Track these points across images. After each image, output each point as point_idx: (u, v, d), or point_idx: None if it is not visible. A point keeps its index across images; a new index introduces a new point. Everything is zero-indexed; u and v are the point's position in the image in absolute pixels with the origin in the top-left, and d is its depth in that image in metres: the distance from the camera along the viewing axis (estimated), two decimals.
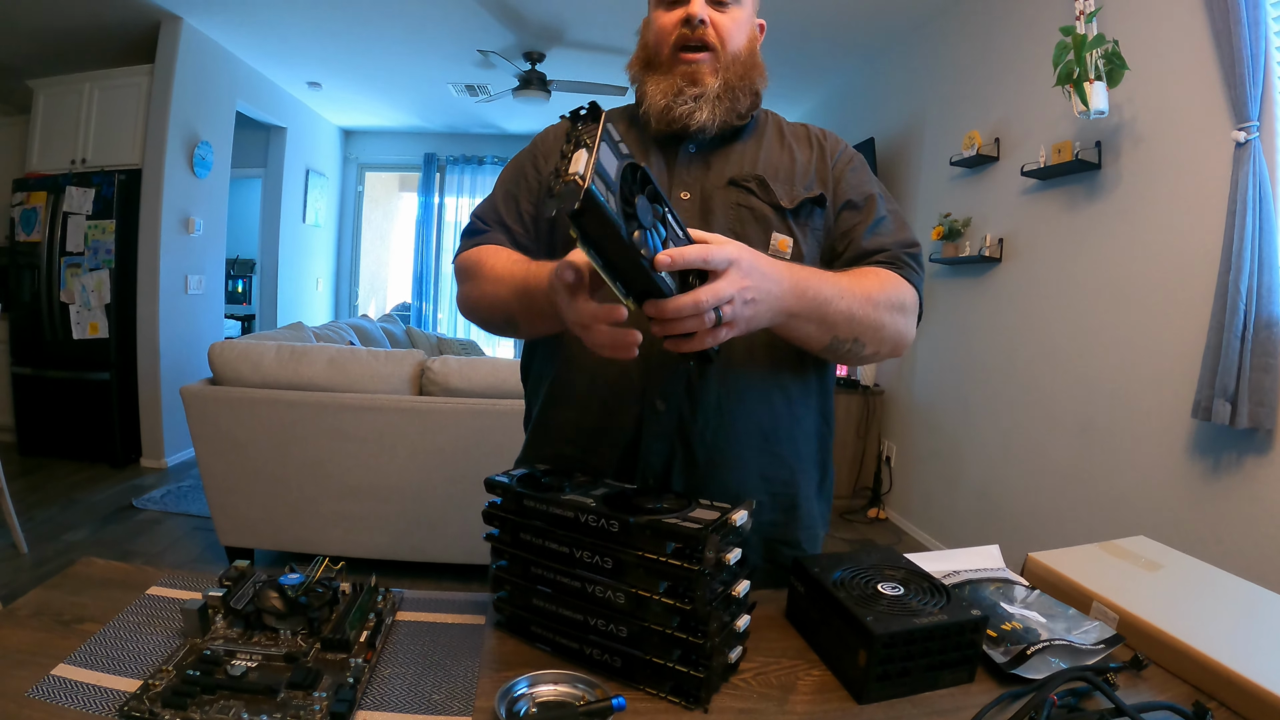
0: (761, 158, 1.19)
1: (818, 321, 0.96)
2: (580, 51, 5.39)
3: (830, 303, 0.96)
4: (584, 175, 0.62)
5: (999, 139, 3.66)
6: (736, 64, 1.16)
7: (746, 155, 1.19)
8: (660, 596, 0.71)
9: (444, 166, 8.29)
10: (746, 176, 1.16)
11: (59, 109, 5.11)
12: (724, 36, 1.14)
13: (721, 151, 1.19)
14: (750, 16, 1.21)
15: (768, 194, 1.14)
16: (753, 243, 1.09)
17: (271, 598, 0.81)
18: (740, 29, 1.17)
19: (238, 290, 7.76)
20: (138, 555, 3.48)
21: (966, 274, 3.96)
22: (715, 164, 1.18)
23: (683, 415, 1.08)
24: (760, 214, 1.13)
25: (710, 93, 1.12)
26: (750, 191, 1.15)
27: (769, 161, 1.19)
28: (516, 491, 0.80)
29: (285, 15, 4.86)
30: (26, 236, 4.90)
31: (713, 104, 1.12)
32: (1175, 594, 0.92)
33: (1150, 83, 2.75)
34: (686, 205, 1.14)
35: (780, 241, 1.13)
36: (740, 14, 1.17)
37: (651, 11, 1.20)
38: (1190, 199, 2.59)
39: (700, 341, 0.79)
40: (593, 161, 0.63)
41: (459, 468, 3.10)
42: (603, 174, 0.65)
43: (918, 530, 4.32)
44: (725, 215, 1.13)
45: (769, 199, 1.14)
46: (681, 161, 1.17)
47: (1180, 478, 2.58)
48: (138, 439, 5.05)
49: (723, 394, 1.09)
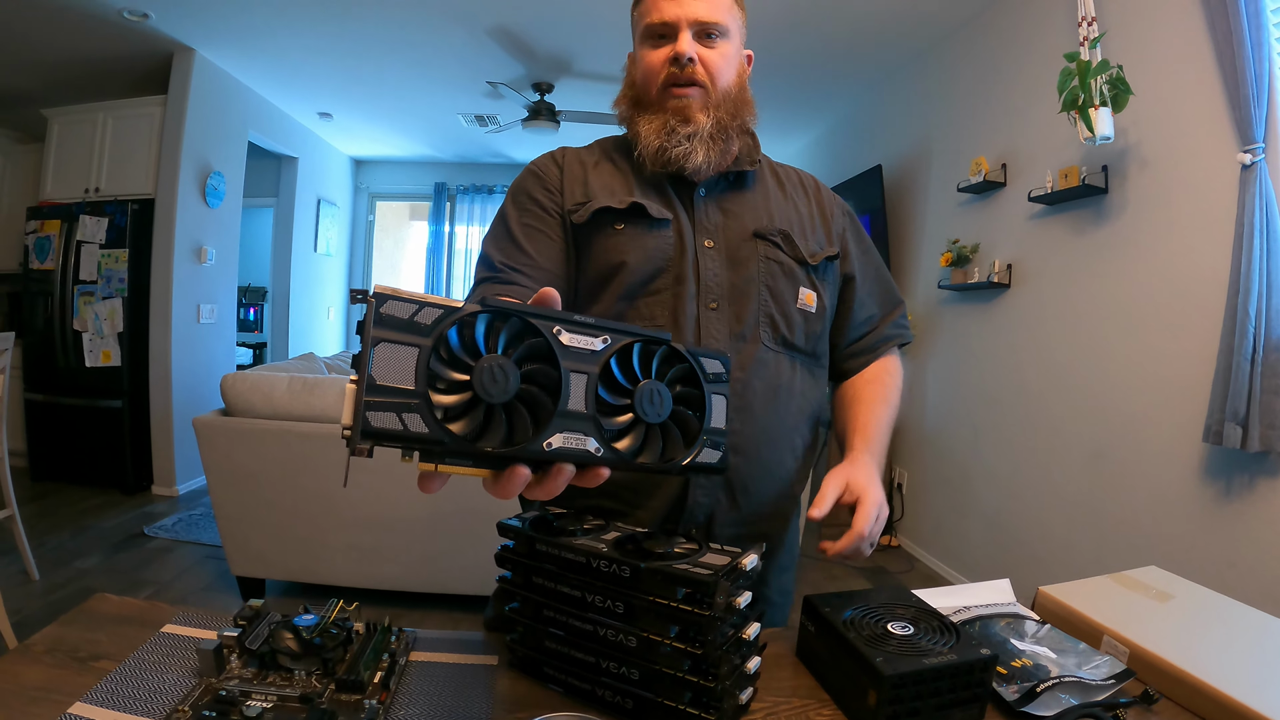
0: (775, 209, 1.20)
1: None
2: (588, 82, 5.44)
3: (887, 434, 1.18)
4: (350, 428, 0.52)
5: (1006, 165, 3.68)
6: (727, 101, 1.15)
7: (760, 205, 1.20)
8: (671, 641, 0.72)
9: (454, 196, 8.36)
10: (771, 230, 1.16)
11: (73, 138, 5.19)
12: (713, 73, 1.14)
13: (734, 198, 1.20)
14: (738, 49, 1.20)
15: (793, 249, 1.16)
16: (783, 296, 1.14)
17: (286, 638, 0.81)
18: (729, 64, 1.16)
19: (249, 319, 7.81)
20: (148, 584, 3.49)
21: (975, 300, 3.96)
22: (733, 212, 1.18)
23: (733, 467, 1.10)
24: (789, 269, 1.15)
25: (703, 131, 1.12)
26: (778, 246, 1.16)
27: (784, 214, 1.20)
28: (529, 535, 0.81)
29: (296, 47, 4.93)
30: (40, 264, 4.95)
31: (707, 144, 1.12)
32: (1187, 626, 0.92)
33: (1155, 107, 2.76)
34: (711, 253, 1.14)
35: (807, 296, 1.16)
36: (729, 48, 1.16)
37: (637, 49, 1.19)
38: (1197, 222, 2.59)
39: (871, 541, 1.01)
40: (359, 400, 0.52)
41: (469, 500, 3.09)
42: (387, 394, 0.52)
43: (930, 557, 4.30)
44: (757, 269, 1.14)
45: (794, 254, 1.16)
46: (698, 206, 1.17)
47: (1192, 502, 2.57)
48: (149, 466, 5.07)
49: (761, 442, 1.11)
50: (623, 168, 1.20)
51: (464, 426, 0.55)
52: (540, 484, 0.60)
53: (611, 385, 0.63)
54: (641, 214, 1.14)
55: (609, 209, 1.14)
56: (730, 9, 1.16)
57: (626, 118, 1.20)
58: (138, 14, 4.32)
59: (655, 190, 1.17)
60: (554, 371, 0.59)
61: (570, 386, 0.60)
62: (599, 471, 0.62)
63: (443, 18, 4.38)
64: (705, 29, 1.12)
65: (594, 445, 0.60)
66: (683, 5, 1.11)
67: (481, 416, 0.56)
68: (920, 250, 4.58)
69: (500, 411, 0.57)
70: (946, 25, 4.19)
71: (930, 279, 4.35)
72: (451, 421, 0.55)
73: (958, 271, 3.95)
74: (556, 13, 4.28)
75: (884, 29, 4.29)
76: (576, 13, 4.25)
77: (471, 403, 0.56)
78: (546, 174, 1.21)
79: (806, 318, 1.16)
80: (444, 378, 0.55)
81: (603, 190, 1.17)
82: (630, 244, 1.13)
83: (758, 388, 1.11)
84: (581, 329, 0.61)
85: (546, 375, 0.59)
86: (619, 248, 1.13)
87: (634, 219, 1.14)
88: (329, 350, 7.93)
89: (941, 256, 4.05)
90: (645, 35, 1.16)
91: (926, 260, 4.47)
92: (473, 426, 0.55)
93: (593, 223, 1.15)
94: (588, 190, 1.17)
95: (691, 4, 1.11)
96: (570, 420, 0.59)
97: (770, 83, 5.24)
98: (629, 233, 1.13)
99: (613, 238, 1.14)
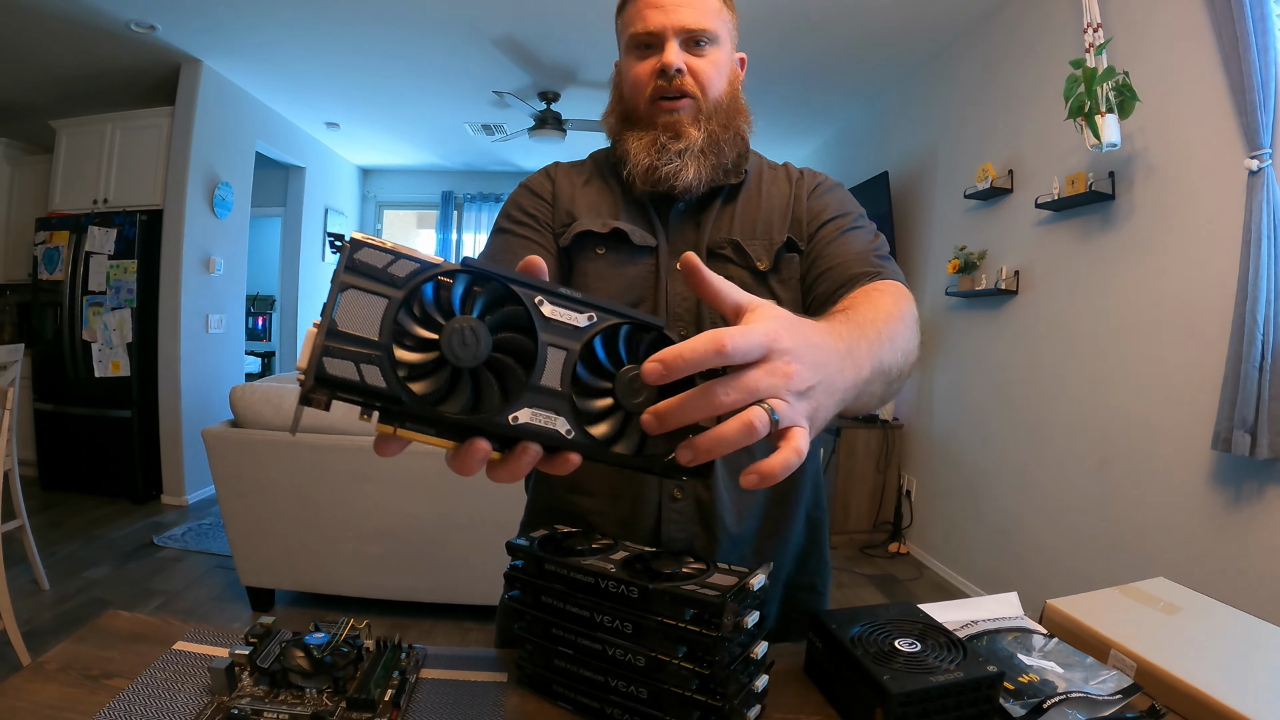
0: (739, 214, 1.13)
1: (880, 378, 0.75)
2: (594, 90, 5.47)
3: (883, 350, 0.76)
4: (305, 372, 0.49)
5: (1012, 171, 3.68)
6: (719, 112, 1.10)
7: (727, 215, 1.13)
8: (679, 661, 0.72)
9: (461, 204, 8.41)
10: (721, 243, 1.10)
11: (81, 149, 5.24)
12: (704, 83, 1.08)
13: (709, 210, 1.13)
14: (729, 55, 1.13)
15: (744, 259, 1.09)
16: None
17: (297, 656, 0.82)
18: (720, 72, 1.10)
19: (258, 328, 7.84)
20: (158, 594, 3.50)
21: (983, 307, 3.96)
22: (704, 225, 1.12)
23: (700, 501, 1.05)
24: (740, 282, 0.99)
25: (694, 147, 1.06)
26: (727, 259, 1.09)
27: (746, 217, 1.13)
28: (537, 555, 0.81)
29: (303, 58, 4.97)
30: (49, 275, 4.99)
31: (698, 160, 1.06)
32: (1194, 639, 0.92)
33: (1162, 112, 2.77)
34: (680, 276, 1.07)
35: None
36: (719, 55, 1.10)
37: (623, 59, 1.14)
38: (1205, 228, 2.60)
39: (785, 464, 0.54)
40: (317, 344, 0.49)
41: (479, 509, 3.11)
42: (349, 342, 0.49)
43: (939, 565, 4.29)
44: None
45: (746, 264, 1.09)
46: (674, 225, 1.12)
47: (1201, 510, 2.56)
48: (159, 475, 5.11)
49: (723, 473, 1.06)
50: (611, 186, 1.17)
51: (425, 387, 0.51)
52: (504, 464, 0.55)
53: (593, 366, 0.57)
54: (623, 240, 1.10)
55: (590, 233, 1.11)
56: (719, 13, 1.10)
57: (615, 133, 1.15)
58: (145, 26, 4.36)
59: (640, 212, 1.13)
60: (530, 343, 0.55)
61: (546, 361, 0.55)
62: (568, 457, 0.56)
63: (448, 28, 4.41)
64: (693, 37, 1.07)
65: (565, 427, 0.55)
66: (668, 13, 1.06)
67: (446, 380, 0.52)
68: (928, 257, 4.58)
69: (467, 377, 0.53)
70: (952, 32, 4.20)
71: (938, 286, 4.35)
72: (413, 381, 0.51)
73: (965, 278, 3.95)
74: (561, 22, 4.30)
75: (890, 36, 4.30)
76: (581, 22, 4.28)
77: (437, 364, 0.52)
78: (539, 189, 1.18)
79: None
80: (411, 334, 0.52)
81: (588, 211, 1.14)
82: (610, 270, 1.10)
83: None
84: (567, 303, 0.57)
85: (522, 346, 0.55)
86: (599, 274, 1.10)
87: (615, 244, 1.11)
88: None
89: (949, 264, 4.06)
90: (631, 45, 1.11)
91: (934, 267, 4.48)
92: (435, 389, 0.52)
93: (575, 245, 1.12)
94: (574, 210, 1.15)
95: (678, 11, 1.06)
96: (542, 396, 0.55)
97: (775, 90, 5.26)
98: (609, 258, 1.10)
99: (593, 262, 1.10)
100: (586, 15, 4.16)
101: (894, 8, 3.93)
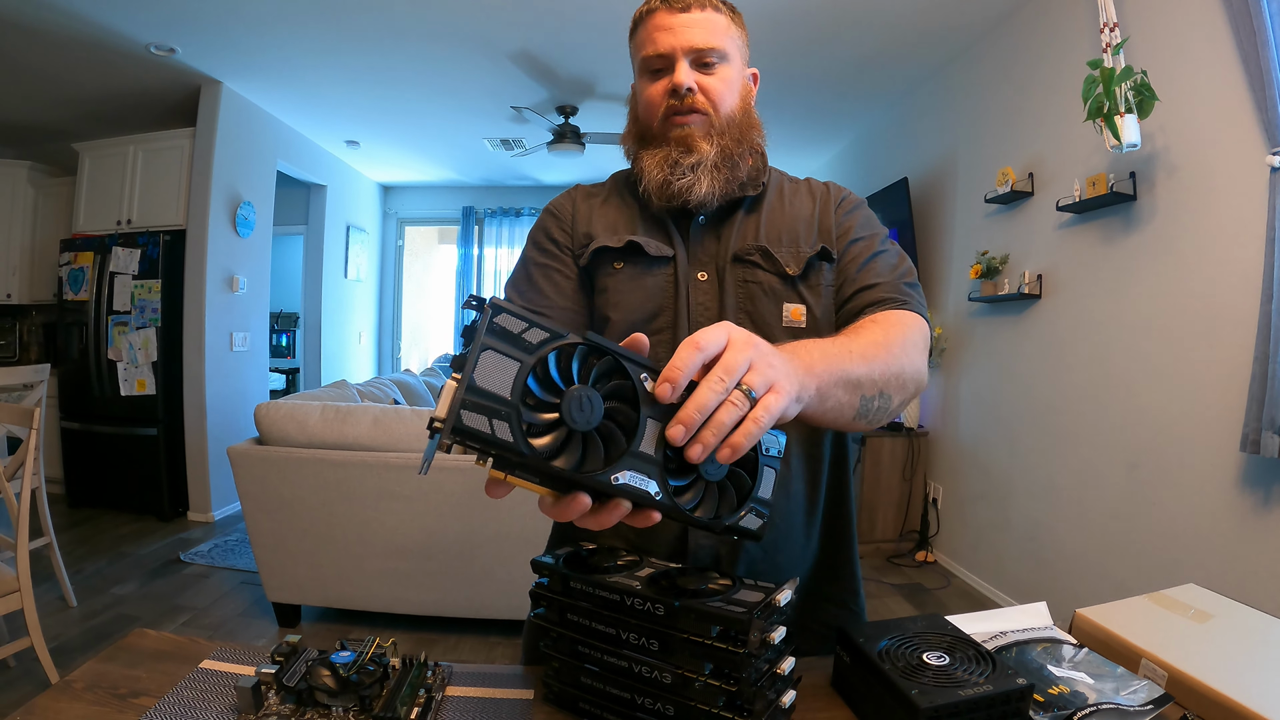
0: (764, 224, 1.14)
1: (844, 384, 0.83)
2: (612, 104, 5.49)
3: (844, 358, 0.84)
4: (443, 420, 0.54)
5: (1033, 174, 3.65)
6: (732, 127, 1.12)
7: (751, 225, 1.14)
8: (706, 678, 0.72)
9: (482, 219, 8.46)
10: (749, 249, 1.11)
11: (104, 171, 5.32)
12: (715, 100, 1.10)
13: (730, 221, 1.15)
14: (740, 71, 1.15)
15: (773, 264, 1.10)
16: (766, 318, 1.08)
17: (323, 675, 0.82)
18: (731, 89, 1.12)
19: (281, 344, 7.91)
20: (185, 609, 3.53)
21: (1006, 312, 3.93)
22: (725, 236, 1.13)
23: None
24: (769, 287, 1.09)
25: (707, 161, 1.08)
26: (755, 265, 1.10)
27: (772, 226, 1.14)
28: (563, 574, 0.81)
29: (322, 77, 5.02)
30: (75, 295, 5.06)
31: (711, 174, 1.08)
32: (1226, 647, 0.90)
33: (1181, 111, 2.74)
34: (705, 286, 1.11)
35: (793, 311, 1.09)
36: (729, 72, 1.12)
37: (637, 81, 1.16)
38: (1228, 227, 2.56)
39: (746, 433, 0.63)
40: (456, 397, 0.54)
41: (504, 524, 3.12)
42: (484, 397, 0.55)
43: (967, 573, 4.25)
44: (735, 293, 1.10)
45: (775, 269, 1.10)
46: (694, 238, 1.14)
47: (1231, 512, 2.52)
48: (185, 493, 5.15)
49: None
50: (629, 203, 1.19)
51: (543, 443, 0.58)
52: (595, 515, 0.62)
53: None
54: (639, 252, 1.13)
55: (606, 248, 1.14)
56: (728, 31, 1.12)
57: (632, 154, 1.18)
58: (165, 49, 4.42)
59: (658, 226, 1.15)
60: (633, 413, 0.62)
61: (645, 430, 0.62)
62: (651, 514, 0.64)
63: (464, 44, 4.44)
64: (702, 56, 1.09)
65: (654, 489, 0.63)
66: (677, 34, 1.08)
67: (561, 439, 0.59)
68: (950, 263, 4.55)
69: (579, 438, 0.59)
70: (968, 36, 4.18)
71: (960, 291, 4.33)
72: (533, 437, 0.58)
73: (988, 283, 3.92)
74: (577, 36, 4.32)
75: (905, 42, 4.29)
76: (597, 36, 4.29)
77: (555, 424, 0.59)
78: (561, 213, 1.22)
79: (796, 335, 1.07)
80: (537, 396, 0.58)
81: (605, 229, 1.17)
82: (629, 284, 1.12)
83: None
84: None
85: (626, 415, 0.62)
86: (618, 288, 1.13)
87: (632, 257, 1.13)
88: (360, 375, 8.01)
89: (971, 269, 4.03)
90: (643, 68, 1.13)
91: (956, 273, 4.45)
92: (551, 446, 0.58)
93: (594, 263, 1.16)
94: (592, 230, 1.18)
95: (686, 32, 1.08)
96: (639, 461, 0.62)
97: (792, 98, 5.26)
98: (627, 271, 1.13)
99: (612, 277, 1.14)
100: (602, 28, 4.17)
101: (908, 14, 3.92)
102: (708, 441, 0.62)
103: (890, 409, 0.93)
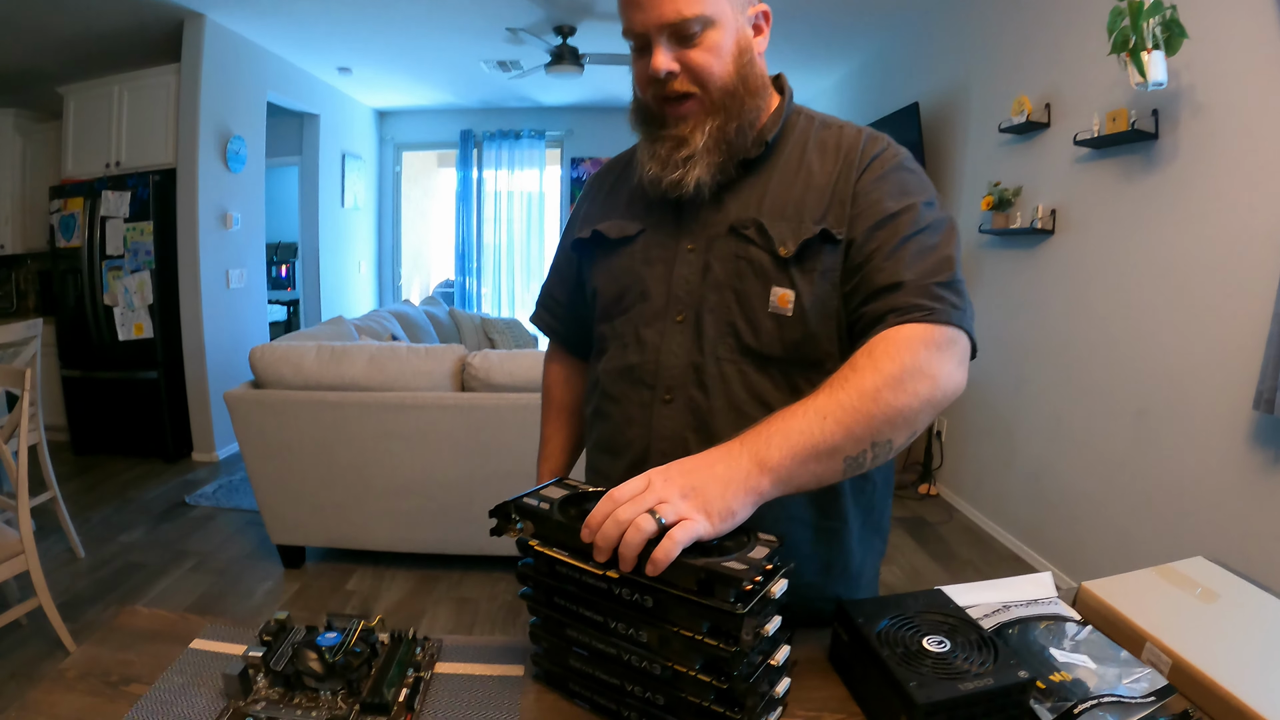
0: (770, 190, 1.05)
1: (815, 458, 0.80)
2: (611, 23, 5.25)
3: (812, 433, 0.80)
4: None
5: (1050, 105, 3.52)
6: (728, 99, 1.01)
7: (755, 189, 1.06)
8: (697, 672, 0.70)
9: (481, 142, 8.23)
10: (745, 221, 1.03)
11: (90, 114, 5.18)
12: (702, 77, 1.00)
13: (736, 186, 1.07)
14: (731, 29, 1.00)
15: (766, 241, 1.02)
16: (751, 300, 1.02)
17: (310, 658, 0.81)
18: (720, 57, 1.00)
19: (281, 277, 7.86)
20: (191, 554, 3.57)
21: (1017, 245, 3.84)
22: (726, 204, 1.06)
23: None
24: (759, 266, 1.01)
25: (699, 150, 1.01)
26: (749, 240, 1.03)
27: (777, 193, 1.05)
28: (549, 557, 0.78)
29: (308, 3, 4.84)
30: (67, 242, 4.99)
31: (704, 160, 1.01)
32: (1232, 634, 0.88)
33: (1210, 49, 2.60)
34: (691, 259, 1.06)
35: (780, 297, 1.00)
36: (716, 36, 0.99)
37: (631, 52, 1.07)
38: (1254, 175, 2.45)
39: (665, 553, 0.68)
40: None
41: (504, 462, 3.11)
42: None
43: (969, 508, 4.26)
44: (724, 269, 1.03)
45: (767, 247, 1.02)
46: (689, 210, 1.08)
47: (1240, 469, 2.47)
48: (188, 434, 5.17)
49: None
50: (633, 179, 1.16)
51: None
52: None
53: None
54: (602, 240, 1.16)
55: (580, 240, 1.21)
56: None
57: (636, 129, 1.11)
58: None
59: (660, 199, 1.09)
60: None
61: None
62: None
63: None
64: (679, 30, 0.97)
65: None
66: (647, 11, 0.97)
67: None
68: (960, 193, 4.45)
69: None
70: None
71: (971, 223, 4.23)
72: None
73: (999, 215, 3.82)
74: None
75: None
76: None
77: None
78: (580, 201, 1.30)
79: (781, 322, 1.01)
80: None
81: (598, 213, 1.21)
82: (598, 268, 1.18)
83: (719, 407, 1.03)
84: None
85: None
86: (595, 274, 1.19)
87: (599, 245, 1.17)
88: (362, 306, 7.95)
89: (982, 200, 3.92)
90: (628, 42, 1.04)
91: (967, 203, 4.34)
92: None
93: (579, 255, 1.25)
94: (588, 219, 1.22)
95: (657, 6, 0.96)
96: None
97: (798, 19, 5.07)
98: (599, 257, 1.18)
99: (592, 264, 1.20)
100: None
101: None
102: (628, 559, 0.71)
103: (894, 448, 0.86)
